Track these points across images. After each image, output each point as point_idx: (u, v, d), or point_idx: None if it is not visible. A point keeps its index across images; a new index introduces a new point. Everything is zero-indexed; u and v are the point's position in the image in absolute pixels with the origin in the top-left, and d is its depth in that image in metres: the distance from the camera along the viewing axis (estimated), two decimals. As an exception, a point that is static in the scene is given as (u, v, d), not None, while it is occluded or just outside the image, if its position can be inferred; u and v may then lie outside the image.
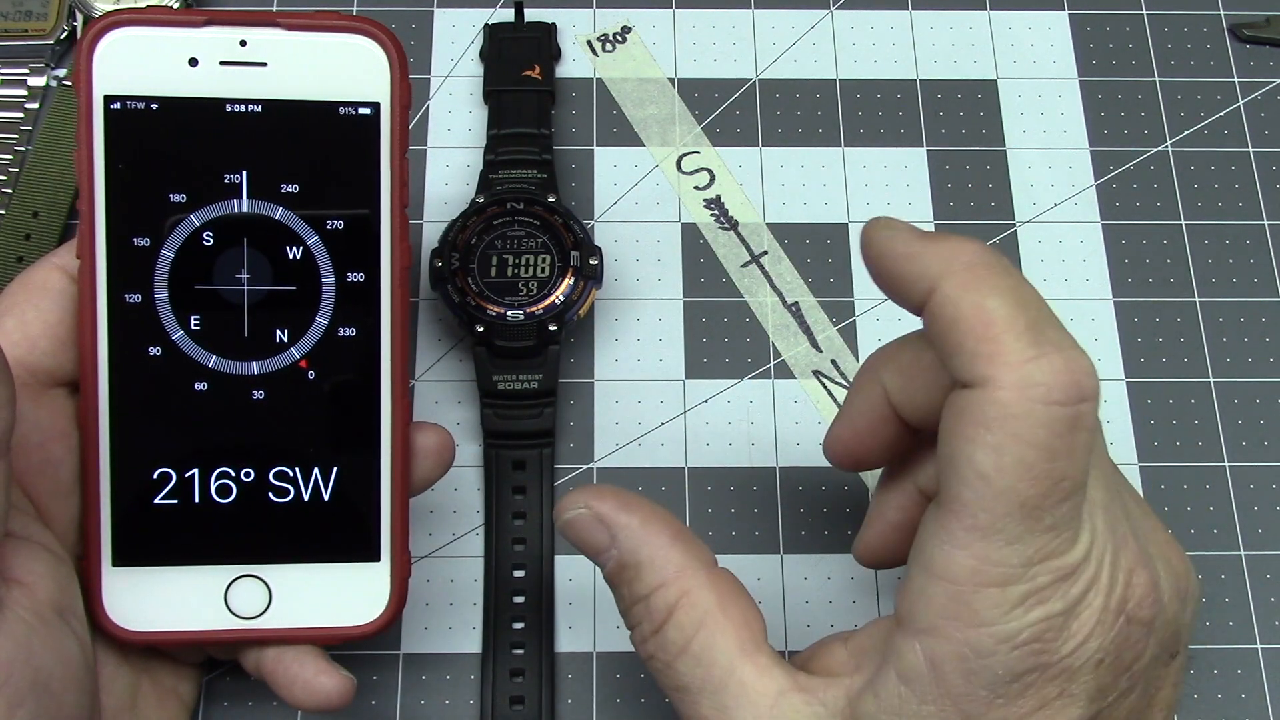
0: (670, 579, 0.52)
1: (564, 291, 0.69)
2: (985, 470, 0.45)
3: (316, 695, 0.57)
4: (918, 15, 0.83)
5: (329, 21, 0.56)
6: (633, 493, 0.55)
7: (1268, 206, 0.78)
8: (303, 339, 0.57)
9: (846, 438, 0.58)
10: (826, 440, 0.59)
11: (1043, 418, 0.45)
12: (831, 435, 0.58)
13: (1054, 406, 0.45)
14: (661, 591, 0.52)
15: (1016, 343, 0.45)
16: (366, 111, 0.56)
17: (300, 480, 0.58)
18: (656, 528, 0.53)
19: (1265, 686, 0.68)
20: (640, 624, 0.53)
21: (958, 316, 0.46)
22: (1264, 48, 0.83)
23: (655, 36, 0.82)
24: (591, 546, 0.54)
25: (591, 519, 0.54)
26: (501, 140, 0.76)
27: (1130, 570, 0.48)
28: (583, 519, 0.54)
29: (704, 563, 0.53)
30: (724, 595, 0.52)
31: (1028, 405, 0.45)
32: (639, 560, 0.53)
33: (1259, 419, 0.73)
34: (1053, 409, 0.45)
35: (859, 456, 0.58)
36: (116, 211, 0.55)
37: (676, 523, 0.54)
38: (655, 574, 0.52)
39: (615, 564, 0.54)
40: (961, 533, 0.46)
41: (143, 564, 0.57)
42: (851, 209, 0.78)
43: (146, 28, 0.55)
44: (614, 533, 0.53)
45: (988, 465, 0.45)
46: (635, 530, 0.53)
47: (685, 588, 0.52)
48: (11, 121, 0.78)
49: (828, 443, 0.59)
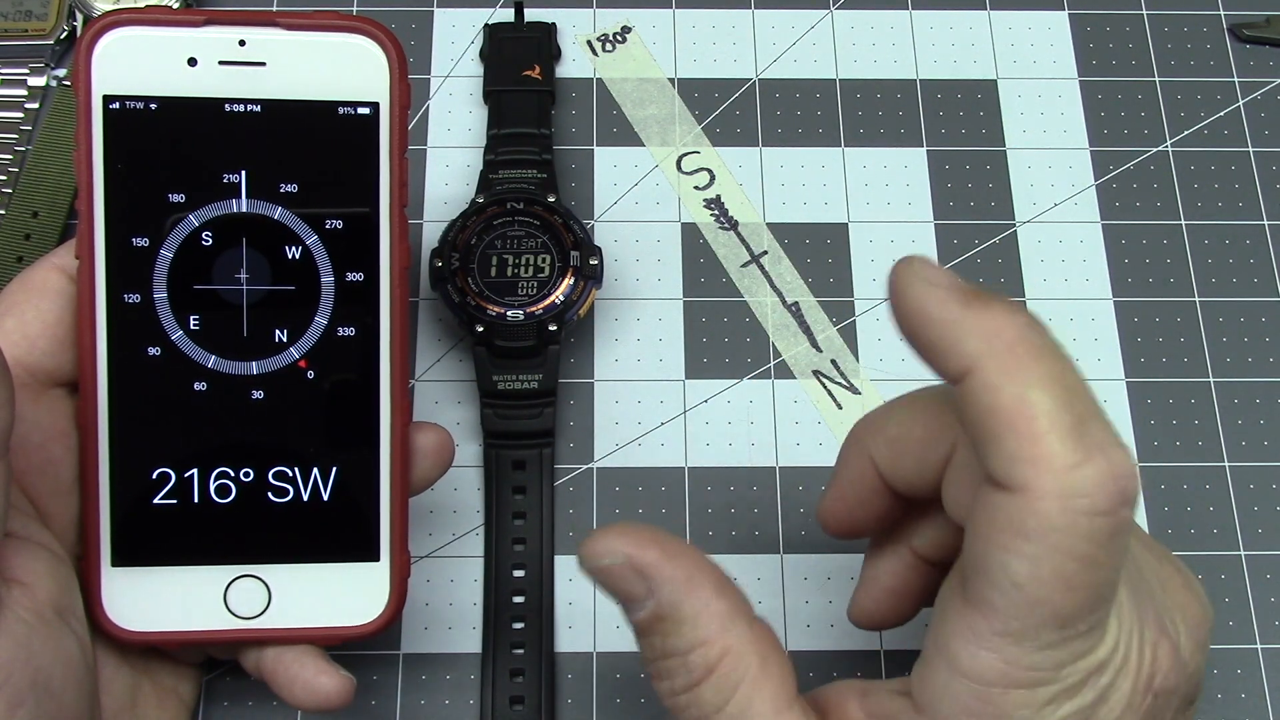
0: (713, 637, 0.49)
1: (564, 291, 0.69)
2: (1021, 580, 0.43)
3: (316, 695, 0.57)
4: (918, 15, 0.83)
5: (328, 21, 0.56)
6: (673, 537, 0.51)
7: (1268, 206, 0.78)
8: (302, 339, 0.57)
9: (839, 510, 0.57)
10: (819, 513, 0.58)
11: (1085, 530, 0.43)
12: (823, 507, 0.58)
13: (1097, 518, 0.43)
14: (703, 650, 0.49)
15: (1061, 446, 0.43)
16: (366, 111, 0.56)
17: (299, 480, 0.58)
18: (700, 580, 0.50)
19: (1265, 686, 0.68)
20: (672, 678, 0.50)
21: (997, 407, 0.44)
22: (1264, 48, 0.83)
23: (655, 36, 0.82)
24: (625, 595, 0.50)
25: (631, 569, 0.50)
26: (501, 140, 0.76)
27: (1155, 645, 0.47)
28: (622, 569, 0.50)
29: (745, 616, 0.50)
30: (765, 652, 0.50)
31: (1071, 518, 0.42)
32: (680, 615, 0.49)
33: (1259, 419, 0.73)
34: (1096, 520, 0.43)
35: (851, 526, 0.57)
36: (115, 211, 0.55)
37: (718, 572, 0.51)
38: (698, 631, 0.49)
39: (651, 615, 0.50)
40: (991, 636, 0.45)
41: (142, 564, 0.57)
42: (851, 209, 0.78)
43: (145, 28, 0.55)
44: (655, 586, 0.49)
45: (1024, 575, 0.43)
46: (679, 584, 0.49)
47: (728, 645, 0.49)
48: (11, 121, 0.78)
49: (820, 515, 0.58)
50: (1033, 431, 0.43)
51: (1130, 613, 0.46)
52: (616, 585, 0.50)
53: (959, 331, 0.45)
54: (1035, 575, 0.43)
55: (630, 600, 0.50)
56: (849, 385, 0.74)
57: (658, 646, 0.50)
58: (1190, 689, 0.50)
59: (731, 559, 0.70)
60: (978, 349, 0.45)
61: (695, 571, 0.49)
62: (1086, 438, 0.43)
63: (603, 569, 0.50)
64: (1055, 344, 0.45)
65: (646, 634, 0.50)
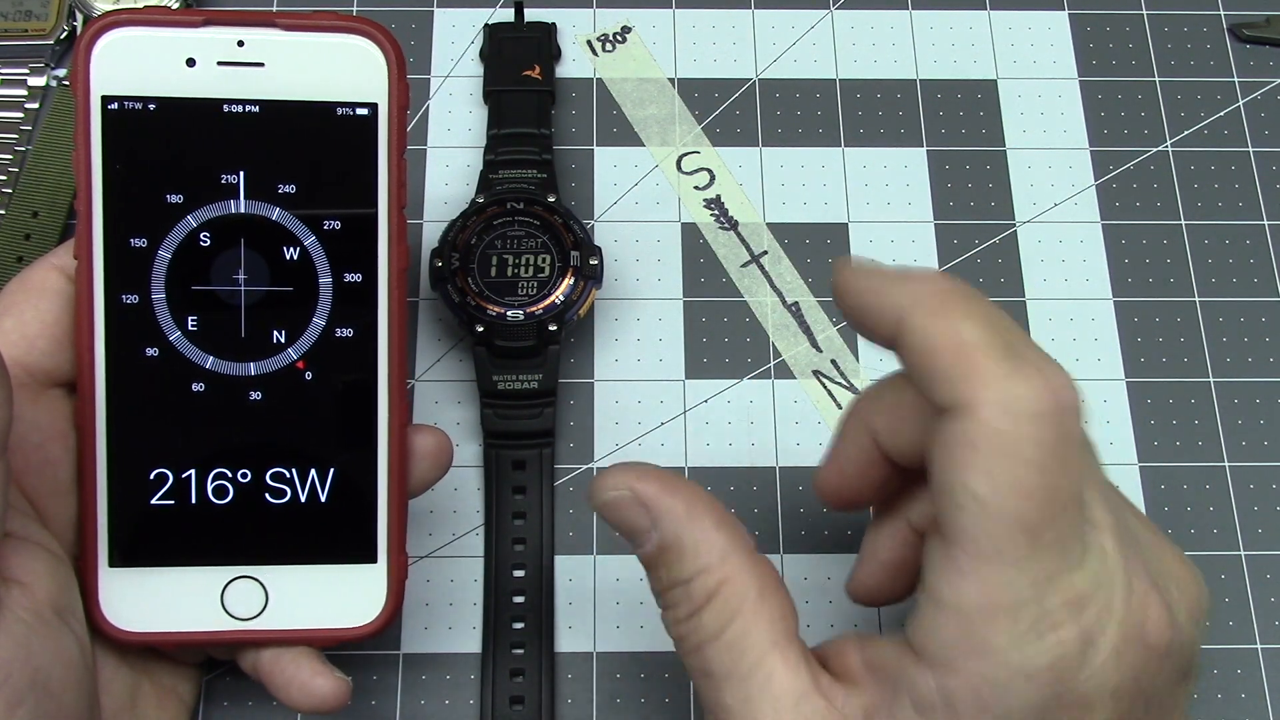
0: (713, 565, 0.51)
1: (564, 291, 0.69)
2: (980, 493, 0.45)
3: (312, 697, 0.57)
4: (918, 15, 0.83)
5: (326, 22, 0.56)
6: (675, 474, 0.53)
7: (1268, 206, 0.78)
8: (300, 340, 0.57)
9: (835, 481, 0.58)
10: (816, 482, 0.59)
11: (1029, 433, 0.45)
12: (820, 477, 0.59)
13: (1039, 420, 0.45)
14: (703, 577, 0.51)
15: (993, 363, 0.45)
16: (364, 112, 0.56)
17: (297, 481, 0.58)
18: (700, 511, 0.52)
19: (1265, 686, 0.68)
20: (676, 607, 0.52)
21: (930, 344, 0.47)
22: (1264, 48, 0.83)
23: (655, 36, 0.82)
24: (629, 528, 0.53)
25: (632, 501, 0.52)
26: (501, 140, 0.76)
27: (1144, 596, 0.47)
28: (624, 500, 0.53)
29: (746, 549, 0.52)
30: (763, 584, 0.51)
31: (1012, 423, 0.45)
32: (681, 545, 0.51)
33: (1259, 419, 0.73)
34: (1038, 423, 0.45)
35: (849, 498, 0.58)
36: (114, 212, 0.55)
37: (719, 506, 0.53)
38: (698, 559, 0.51)
39: (655, 547, 0.52)
40: (965, 560, 0.46)
41: (139, 565, 0.57)
42: (851, 209, 0.78)
43: (144, 28, 0.55)
44: (656, 517, 0.52)
45: (982, 488, 0.45)
46: (679, 515, 0.52)
47: (727, 574, 0.51)
48: (11, 121, 0.78)
49: (817, 484, 0.59)
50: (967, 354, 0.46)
51: (1117, 559, 0.47)
52: (622, 517, 0.53)
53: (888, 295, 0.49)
54: (993, 486, 0.45)
55: (635, 533, 0.53)
56: (849, 385, 0.74)
57: (663, 578, 0.53)
58: (1185, 660, 0.50)
59: (731, 559, 0.70)
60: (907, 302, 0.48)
61: (695, 504, 0.52)
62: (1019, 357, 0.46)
63: (609, 501, 0.53)
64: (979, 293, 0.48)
65: (653, 567, 0.53)
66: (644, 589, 0.67)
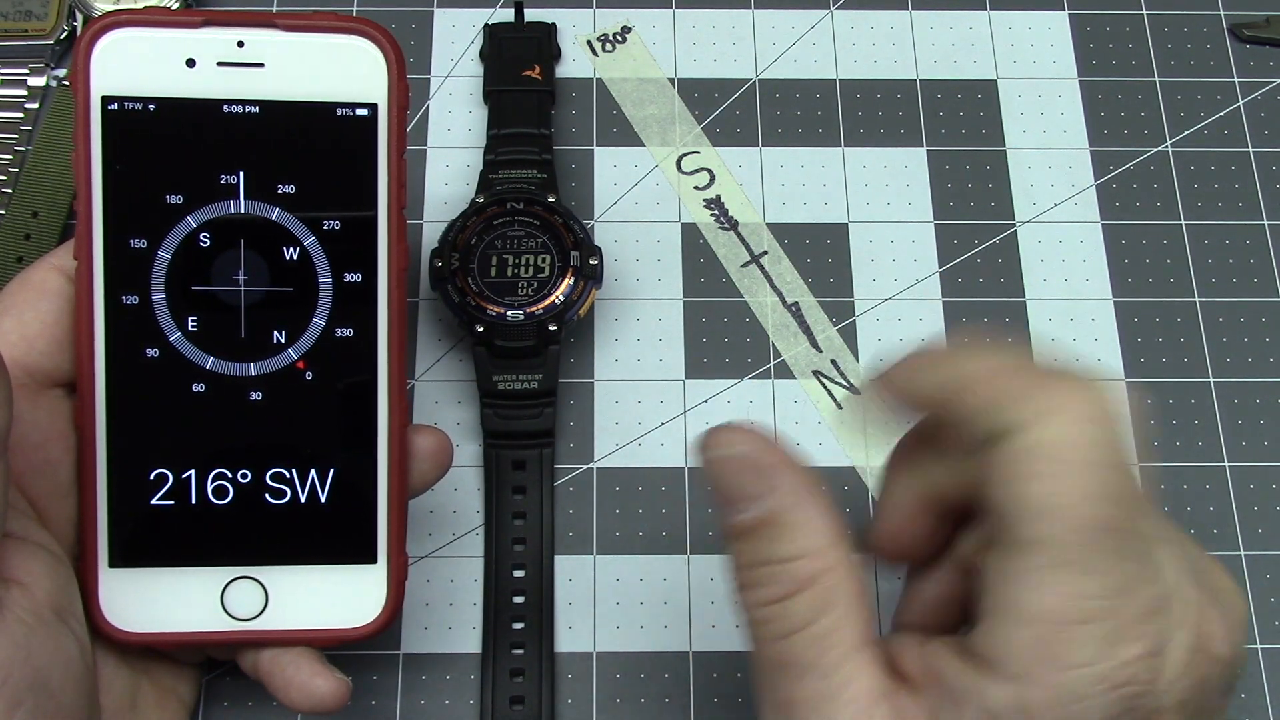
0: (818, 550, 0.48)
1: (564, 291, 0.69)
2: (1049, 503, 0.45)
3: (311, 698, 0.57)
4: (918, 15, 0.83)
5: (326, 22, 0.56)
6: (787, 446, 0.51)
7: (1268, 206, 0.78)
8: (300, 340, 0.57)
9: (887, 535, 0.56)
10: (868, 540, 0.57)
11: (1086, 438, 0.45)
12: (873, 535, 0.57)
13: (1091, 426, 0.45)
14: (804, 561, 0.48)
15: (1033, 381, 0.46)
16: (364, 112, 0.56)
17: (297, 482, 0.58)
18: (813, 493, 0.49)
19: (1265, 686, 0.68)
20: (764, 586, 0.49)
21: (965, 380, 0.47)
22: (1264, 48, 0.83)
23: (655, 36, 0.82)
24: (736, 491, 0.50)
25: (750, 464, 0.49)
26: (501, 140, 0.76)
27: (1203, 609, 0.47)
28: (741, 460, 0.49)
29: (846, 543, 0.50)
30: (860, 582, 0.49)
31: (1067, 431, 0.45)
32: (791, 522, 0.48)
33: (1259, 419, 0.73)
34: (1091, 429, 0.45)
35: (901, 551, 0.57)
36: (114, 212, 0.55)
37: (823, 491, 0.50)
38: (804, 541, 0.49)
39: (758, 518, 0.49)
40: (1039, 571, 0.45)
41: (139, 565, 0.57)
42: (851, 209, 0.78)
43: (144, 28, 0.55)
44: (771, 487, 0.49)
45: (1050, 497, 0.45)
46: (793, 491, 0.49)
47: (830, 564, 0.48)
48: (11, 121, 0.78)
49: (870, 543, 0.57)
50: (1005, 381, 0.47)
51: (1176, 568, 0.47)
52: (733, 478, 0.50)
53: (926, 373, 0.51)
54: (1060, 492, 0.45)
55: (740, 498, 0.49)
56: (849, 385, 0.74)
57: (759, 552, 0.49)
58: (1231, 676, 0.50)
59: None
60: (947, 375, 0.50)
61: (809, 485, 0.49)
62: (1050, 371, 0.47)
63: (723, 459, 0.50)
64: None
65: (747, 538, 0.50)
66: (644, 589, 0.68)
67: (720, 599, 0.69)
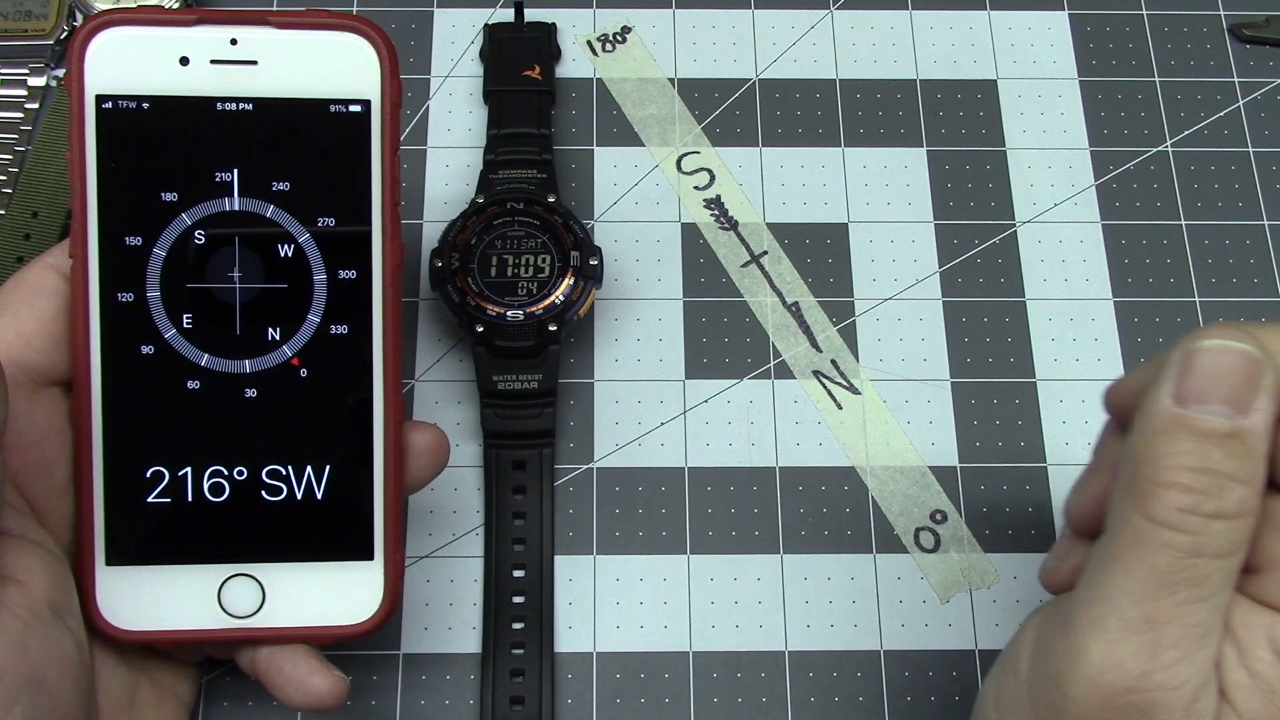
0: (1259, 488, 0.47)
1: (564, 291, 0.69)
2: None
3: (309, 696, 0.57)
4: (918, 15, 0.83)
5: (319, 20, 0.56)
6: None
7: (1268, 206, 0.78)
8: (295, 337, 0.57)
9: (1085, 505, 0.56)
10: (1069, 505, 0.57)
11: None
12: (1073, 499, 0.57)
13: None
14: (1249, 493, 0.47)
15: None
16: (357, 109, 0.57)
17: (293, 479, 0.58)
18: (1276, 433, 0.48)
19: (1265, 686, 0.68)
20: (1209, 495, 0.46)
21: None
22: (1264, 48, 0.82)
23: (655, 36, 0.82)
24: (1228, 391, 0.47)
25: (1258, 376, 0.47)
26: (501, 140, 0.76)
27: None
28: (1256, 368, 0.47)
29: None
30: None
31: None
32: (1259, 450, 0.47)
33: (1259, 419, 0.73)
34: None
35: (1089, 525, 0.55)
36: (108, 211, 0.56)
37: None
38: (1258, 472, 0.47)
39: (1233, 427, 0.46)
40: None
41: (136, 563, 0.57)
42: (851, 209, 0.78)
43: (137, 27, 0.55)
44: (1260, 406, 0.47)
45: None
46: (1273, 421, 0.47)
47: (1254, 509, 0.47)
48: (11, 121, 0.78)
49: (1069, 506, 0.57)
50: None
51: None
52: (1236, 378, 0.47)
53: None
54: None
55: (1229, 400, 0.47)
56: (849, 385, 0.74)
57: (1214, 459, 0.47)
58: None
59: (731, 559, 0.70)
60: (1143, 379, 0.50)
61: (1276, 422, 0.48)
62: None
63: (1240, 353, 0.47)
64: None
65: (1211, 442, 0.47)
66: (644, 589, 0.68)
67: (720, 599, 0.69)
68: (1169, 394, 0.47)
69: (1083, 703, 0.47)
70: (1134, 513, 0.47)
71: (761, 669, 0.68)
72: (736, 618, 0.69)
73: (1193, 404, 0.47)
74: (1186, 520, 0.46)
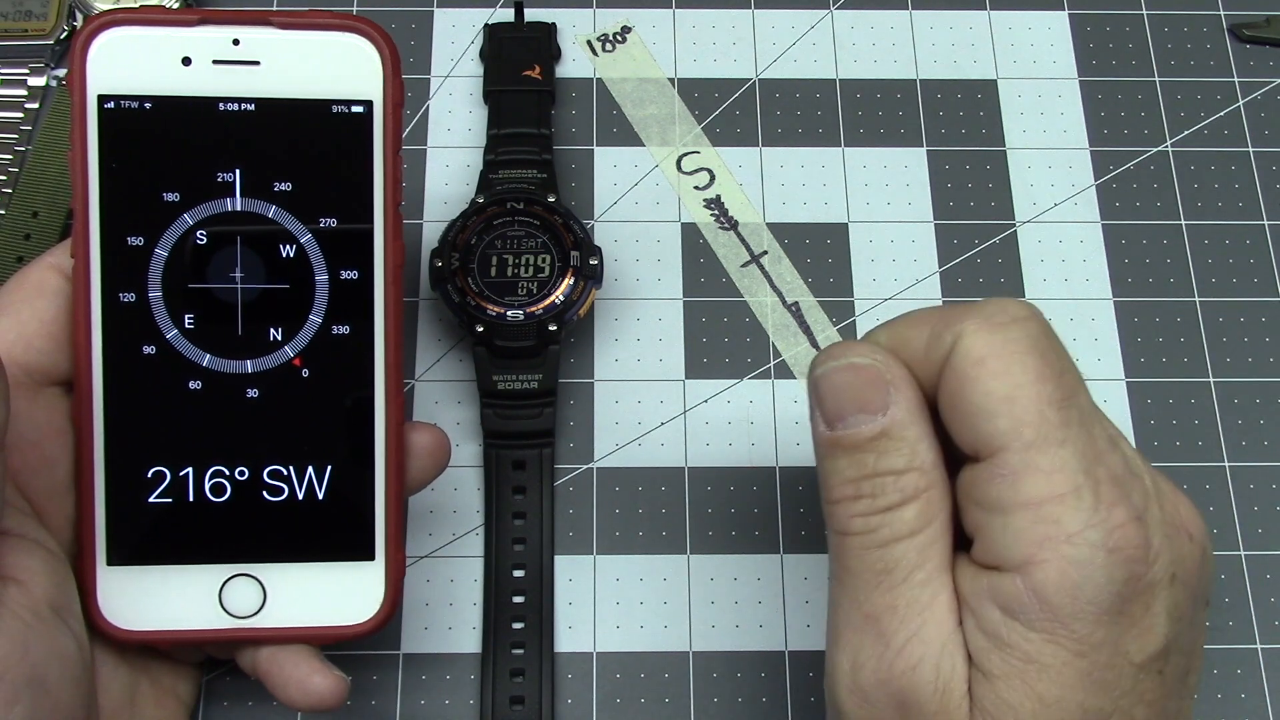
0: (928, 465, 0.50)
1: (564, 291, 0.69)
2: (1004, 391, 0.47)
3: (310, 696, 0.57)
4: (918, 15, 0.83)
5: (321, 20, 0.56)
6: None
7: (1268, 206, 0.78)
8: (296, 337, 0.57)
9: None
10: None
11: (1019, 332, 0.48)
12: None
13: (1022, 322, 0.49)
14: (917, 474, 0.50)
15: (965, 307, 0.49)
16: (359, 109, 0.57)
17: (295, 479, 0.58)
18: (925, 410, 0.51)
19: (1265, 686, 0.68)
20: (874, 497, 0.50)
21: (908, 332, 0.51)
22: (1264, 48, 0.83)
23: (655, 36, 0.82)
24: (858, 403, 0.50)
25: (875, 377, 0.51)
26: (501, 140, 0.76)
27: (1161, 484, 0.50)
28: (870, 373, 0.51)
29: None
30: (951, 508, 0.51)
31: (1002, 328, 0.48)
32: (905, 436, 0.50)
33: (1259, 419, 0.73)
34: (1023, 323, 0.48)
35: None
36: (110, 211, 0.56)
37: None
38: (918, 455, 0.50)
39: (877, 430, 0.50)
40: (1017, 457, 0.47)
41: (137, 563, 0.57)
42: (851, 209, 0.78)
43: (139, 27, 0.55)
44: (894, 400, 0.50)
45: (1003, 386, 0.47)
46: (914, 407, 0.50)
47: (935, 481, 0.50)
48: (11, 121, 0.78)
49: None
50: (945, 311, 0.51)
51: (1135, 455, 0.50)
52: (860, 388, 0.51)
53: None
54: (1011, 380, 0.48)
55: (861, 409, 0.51)
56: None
57: (869, 464, 0.50)
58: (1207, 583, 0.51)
59: (731, 559, 0.70)
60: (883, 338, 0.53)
61: (922, 402, 0.51)
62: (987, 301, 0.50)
63: (854, 366, 0.51)
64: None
65: (862, 449, 0.51)
66: (644, 589, 0.68)
67: (720, 599, 0.69)
68: (820, 422, 0.52)
69: (853, 710, 0.51)
70: (829, 534, 0.52)
71: (761, 669, 0.68)
72: (736, 618, 0.69)
73: (838, 424, 0.51)
74: (864, 523, 0.50)
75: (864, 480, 0.50)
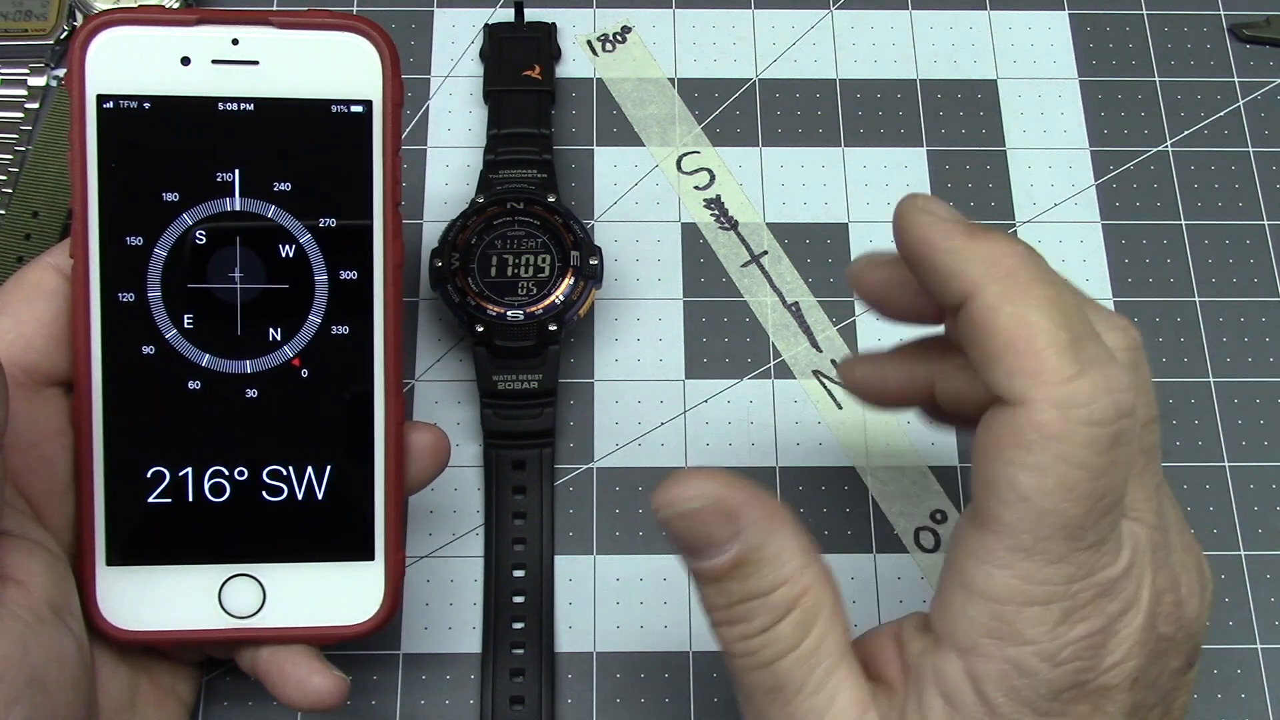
0: (794, 574, 0.49)
1: (564, 291, 0.69)
2: (1028, 492, 0.45)
3: (310, 695, 0.57)
4: (918, 15, 0.83)
5: (320, 20, 0.56)
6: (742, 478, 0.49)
7: (1268, 206, 0.78)
8: (296, 337, 0.57)
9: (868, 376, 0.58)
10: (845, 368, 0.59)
11: (1085, 438, 0.44)
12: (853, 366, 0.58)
13: (1094, 426, 0.44)
14: (785, 588, 0.49)
15: (1058, 360, 0.45)
16: (358, 109, 0.56)
17: (294, 479, 0.58)
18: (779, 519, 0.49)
19: (1265, 686, 0.68)
20: (748, 620, 0.49)
21: (997, 327, 0.46)
22: (1264, 48, 0.82)
23: (655, 36, 0.82)
24: (705, 540, 0.49)
25: (715, 511, 0.48)
26: (501, 140, 0.76)
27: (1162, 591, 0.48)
28: (705, 511, 0.48)
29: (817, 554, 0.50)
30: (835, 591, 0.50)
31: (1070, 426, 0.44)
32: (764, 556, 0.48)
33: (1259, 419, 0.73)
34: (1094, 430, 0.44)
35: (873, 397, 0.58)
36: (109, 211, 0.56)
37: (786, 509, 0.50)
38: (779, 569, 0.49)
39: (732, 560, 0.49)
40: (1003, 553, 0.46)
41: (137, 563, 0.57)
42: (851, 209, 0.78)
43: (138, 27, 0.55)
44: (741, 527, 0.48)
45: (1030, 487, 0.45)
46: (763, 524, 0.48)
47: (807, 583, 0.49)
48: (11, 121, 0.78)
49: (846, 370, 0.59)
50: (1031, 348, 0.45)
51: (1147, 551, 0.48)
52: (700, 530, 0.49)
53: (960, 259, 0.48)
54: (1040, 486, 0.45)
55: (711, 545, 0.49)
56: (849, 385, 0.74)
57: (735, 591, 0.49)
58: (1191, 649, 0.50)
59: (731, 559, 0.70)
60: (979, 274, 0.47)
61: (774, 511, 0.49)
62: (1082, 354, 0.45)
63: (688, 514, 0.49)
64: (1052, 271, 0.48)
65: (723, 579, 0.49)
66: (644, 589, 0.68)
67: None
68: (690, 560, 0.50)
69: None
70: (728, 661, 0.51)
71: (762, 669, 0.68)
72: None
73: (694, 560, 0.50)
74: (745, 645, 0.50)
75: (733, 607, 0.50)
